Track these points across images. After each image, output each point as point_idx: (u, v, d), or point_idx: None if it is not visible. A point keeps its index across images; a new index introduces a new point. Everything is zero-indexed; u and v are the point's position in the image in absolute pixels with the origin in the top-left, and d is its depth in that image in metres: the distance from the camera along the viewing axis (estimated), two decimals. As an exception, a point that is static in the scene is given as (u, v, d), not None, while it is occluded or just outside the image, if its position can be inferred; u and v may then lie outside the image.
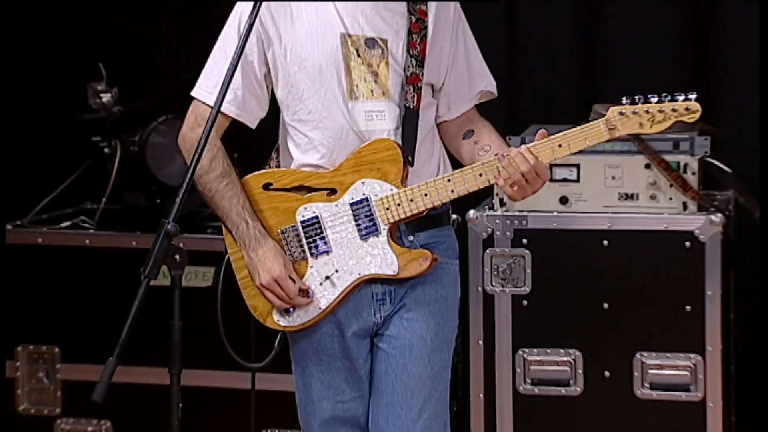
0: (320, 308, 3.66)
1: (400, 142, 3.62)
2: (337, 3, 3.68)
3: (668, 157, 4.80)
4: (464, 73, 3.80)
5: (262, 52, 3.73)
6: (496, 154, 3.49)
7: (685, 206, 4.77)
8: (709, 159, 4.93)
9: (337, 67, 3.65)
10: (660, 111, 3.44)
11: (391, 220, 3.60)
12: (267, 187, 3.67)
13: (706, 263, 4.71)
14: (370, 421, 3.74)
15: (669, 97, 3.46)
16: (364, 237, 3.63)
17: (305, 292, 3.62)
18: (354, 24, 3.67)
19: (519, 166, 3.38)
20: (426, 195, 3.55)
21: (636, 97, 3.44)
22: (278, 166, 3.78)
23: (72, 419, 5.12)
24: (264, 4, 3.61)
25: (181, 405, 3.23)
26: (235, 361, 4.01)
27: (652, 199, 4.82)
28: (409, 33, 3.68)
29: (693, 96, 3.42)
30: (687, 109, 3.44)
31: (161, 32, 6.08)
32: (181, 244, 3.23)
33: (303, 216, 3.62)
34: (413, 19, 3.69)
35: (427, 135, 3.76)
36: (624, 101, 3.42)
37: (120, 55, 5.65)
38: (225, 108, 3.62)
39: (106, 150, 5.30)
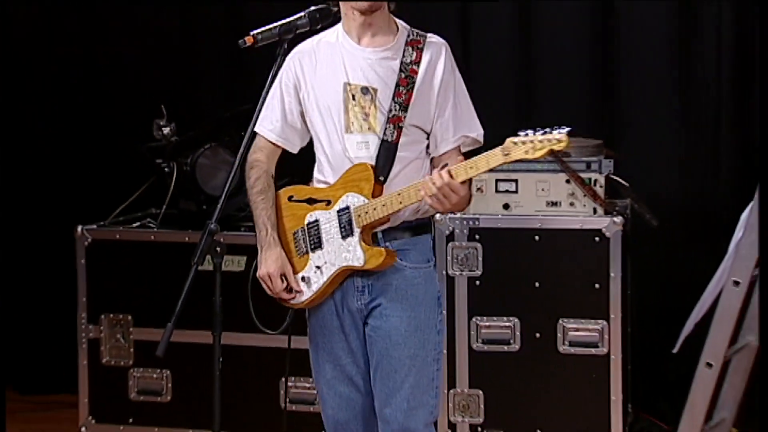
0: (312, 291, 3.73)
1: (373, 165, 3.64)
2: (345, 59, 3.70)
3: (583, 175, 4.89)
4: (449, 121, 3.72)
5: (296, 95, 3.77)
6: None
7: (595, 211, 4.89)
8: (612, 176, 5.06)
9: (338, 108, 3.67)
10: (539, 141, 3.42)
11: (362, 224, 3.61)
12: (290, 198, 3.76)
13: (610, 253, 4.81)
14: (372, 387, 3.77)
15: (548, 131, 3.46)
16: (343, 237, 3.66)
17: (289, 290, 3.72)
18: (354, 75, 3.67)
19: (435, 183, 3.41)
20: (384, 205, 3.56)
21: (527, 131, 3.44)
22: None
23: (141, 369, 5.12)
24: (298, 59, 3.74)
25: (221, 359, 3.39)
26: (261, 316, 4.06)
27: (570, 206, 4.93)
28: (397, 85, 3.65)
29: (565, 130, 3.43)
30: (557, 139, 3.42)
31: (206, 82, 6.09)
32: (221, 239, 3.39)
33: (308, 220, 3.68)
34: (403, 75, 3.66)
35: (410, 164, 3.72)
36: (519, 133, 3.43)
37: (176, 99, 5.62)
38: (268, 135, 3.78)
39: (166, 169, 5.26)
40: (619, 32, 5.75)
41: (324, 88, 3.72)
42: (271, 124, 3.79)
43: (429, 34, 3.75)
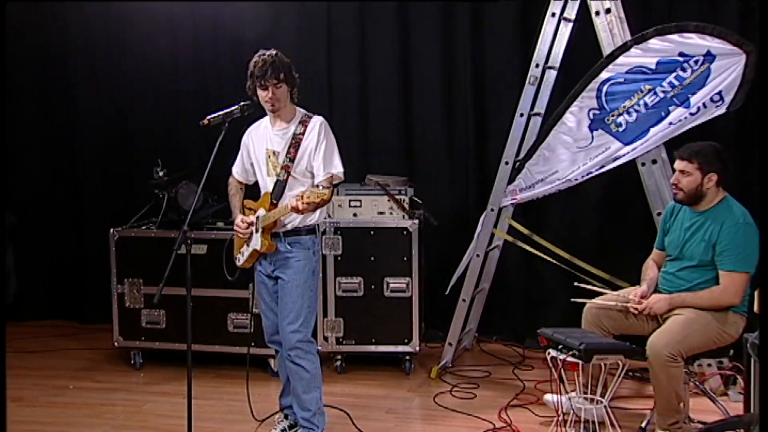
0: (244, 260, 3.85)
1: (271, 193, 3.71)
2: (268, 135, 3.74)
3: (397, 196, 4.94)
4: (321, 164, 3.67)
5: (248, 154, 3.84)
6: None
7: (404, 217, 4.91)
8: (413, 197, 5.07)
9: (264, 162, 3.76)
10: (318, 191, 3.38)
11: (262, 225, 3.70)
12: (245, 207, 3.86)
13: (412, 240, 4.85)
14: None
15: (321, 187, 3.42)
16: (256, 232, 3.74)
17: (246, 230, 3.75)
18: (271, 144, 3.74)
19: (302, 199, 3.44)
20: (269, 216, 3.65)
21: (316, 185, 3.45)
22: None
23: (148, 310, 5.00)
24: (249, 132, 3.81)
25: (192, 303, 3.51)
26: (215, 279, 4.14)
27: (390, 214, 4.95)
28: (290, 147, 3.70)
29: (328, 189, 3.40)
30: (323, 193, 3.37)
31: (183, 145, 5.82)
32: (191, 235, 3.54)
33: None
34: (293, 141, 3.70)
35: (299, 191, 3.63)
36: (320, 187, 3.43)
37: (167, 155, 5.39)
38: (236, 175, 3.90)
39: (160, 196, 5.17)
40: (414, 111, 5.67)
41: (259, 151, 3.79)
42: (236, 167, 3.91)
43: (314, 116, 3.77)
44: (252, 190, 3.99)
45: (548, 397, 4.22)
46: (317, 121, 3.77)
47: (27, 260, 6.33)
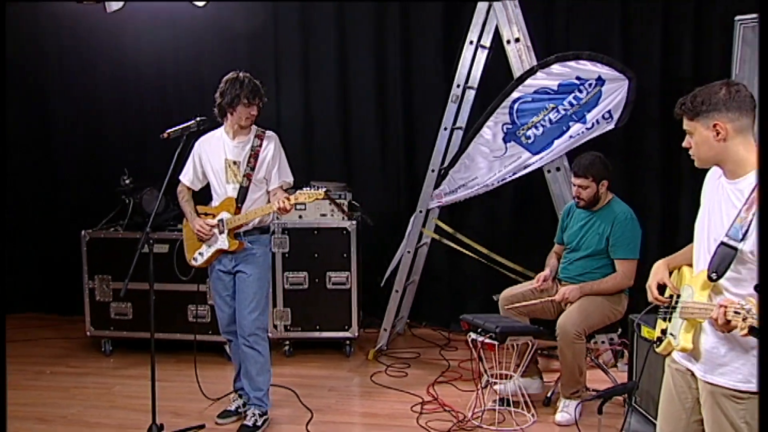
0: (204, 260, 3.87)
1: (235, 198, 3.76)
2: (225, 146, 3.76)
3: (337, 200, 4.97)
4: (276, 174, 3.78)
5: (200, 163, 3.86)
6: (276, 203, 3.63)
7: (343, 218, 4.96)
8: (352, 201, 5.16)
9: (222, 171, 3.78)
10: (313, 192, 3.59)
11: (228, 227, 3.75)
12: (197, 213, 3.87)
13: (351, 239, 4.91)
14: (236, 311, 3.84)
15: (317, 188, 3.63)
16: (220, 233, 3.78)
17: (210, 232, 3.76)
18: (229, 154, 3.77)
19: (288, 200, 3.60)
20: (237, 219, 3.72)
21: (309, 187, 3.63)
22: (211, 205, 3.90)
23: (116, 302, 5.02)
24: (201, 143, 3.81)
25: (154, 297, 3.58)
26: (175, 276, 4.19)
27: (332, 216, 5.00)
28: (250, 158, 3.75)
29: (323, 189, 3.63)
30: (318, 193, 3.59)
31: (148, 157, 5.78)
32: (154, 236, 3.62)
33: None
34: (252, 153, 3.75)
35: (259, 198, 3.79)
36: (304, 189, 3.64)
37: (132, 167, 5.33)
38: (185, 181, 3.89)
39: (127, 201, 5.17)
40: (352, 125, 5.71)
41: (215, 160, 3.82)
42: (186, 176, 3.91)
43: (266, 131, 3.83)
44: (196, 196, 4.02)
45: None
46: (272, 136, 3.85)
47: (13, 259, 6.28)
